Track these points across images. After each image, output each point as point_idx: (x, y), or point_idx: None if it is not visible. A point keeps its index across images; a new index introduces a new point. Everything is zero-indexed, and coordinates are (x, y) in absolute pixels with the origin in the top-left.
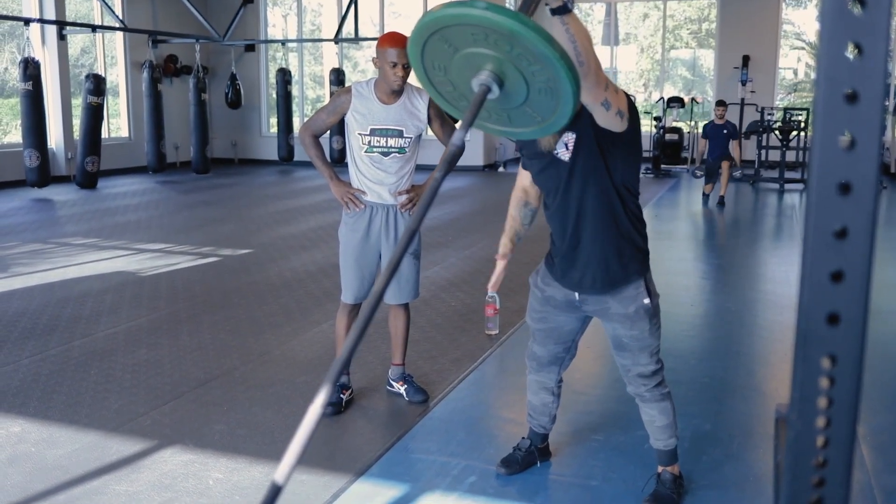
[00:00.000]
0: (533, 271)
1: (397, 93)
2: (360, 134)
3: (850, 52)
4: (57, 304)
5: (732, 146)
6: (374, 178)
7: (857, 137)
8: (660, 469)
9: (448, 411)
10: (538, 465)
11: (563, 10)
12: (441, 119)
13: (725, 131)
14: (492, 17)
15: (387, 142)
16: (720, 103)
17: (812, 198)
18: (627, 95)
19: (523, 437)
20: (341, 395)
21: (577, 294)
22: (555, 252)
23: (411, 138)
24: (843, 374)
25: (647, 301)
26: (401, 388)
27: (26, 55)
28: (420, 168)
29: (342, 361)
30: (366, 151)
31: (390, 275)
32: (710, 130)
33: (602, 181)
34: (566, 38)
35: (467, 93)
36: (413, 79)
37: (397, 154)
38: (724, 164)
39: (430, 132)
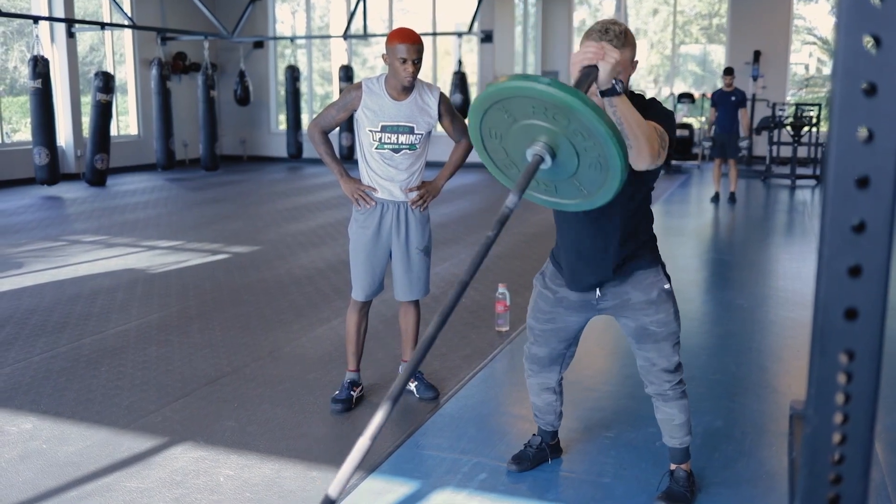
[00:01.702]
0: (538, 273)
1: (408, 89)
2: (370, 130)
3: (868, 45)
4: (67, 302)
5: (741, 114)
6: (385, 174)
7: (875, 131)
8: (672, 467)
9: (458, 408)
10: (549, 461)
11: (612, 93)
12: (451, 115)
13: (734, 98)
14: (554, 92)
15: (398, 138)
16: (728, 71)
17: (829, 192)
18: (670, 120)
19: (534, 434)
20: (351, 392)
21: (597, 291)
22: (570, 253)
23: (422, 135)
24: (860, 370)
25: (667, 286)
26: (411, 384)
27: (35, 53)
28: (429, 165)
29: (409, 372)
30: (376, 148)
31: (427, 348)
32: (719, 98)
33: (642, 184)
34: (614, 120)
35: (518, 161)
36: (423, 74)
37: (408, 151)
38: (732, 162)
39: (439, 128)
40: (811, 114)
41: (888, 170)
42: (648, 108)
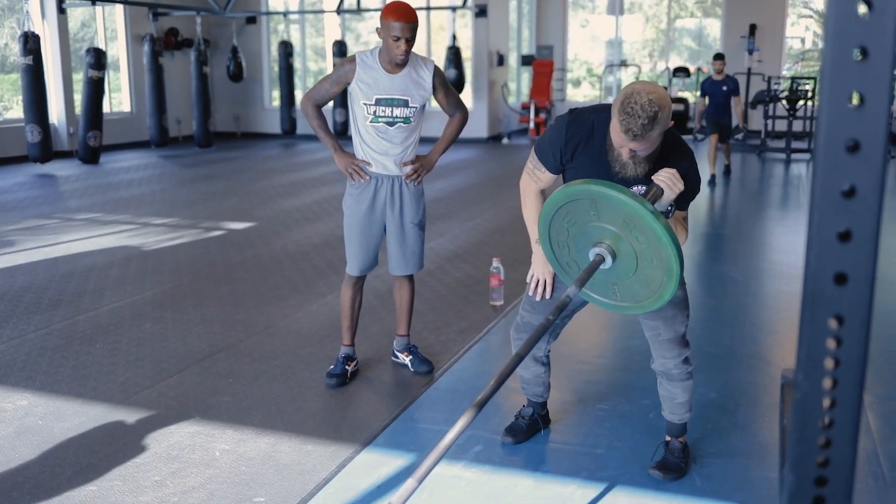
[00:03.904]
0: None
1: (402, 63)
2: (364, 104)
3: (860, 8)
4: (61, 279)
5: (734, 103)
6: (380, 148)
7: (866, 95)
8: (668, 438)
9: (453, 381)
10: (542, 431)
11: (666, 215)
12: (446, 89)
13: (725, 87)
14: (634, 205)
15: (392, 112)
16: (718, 56)
17: (820, 157)
18: (698, 183)
19: (524, 405)
20: (346, 367)
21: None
22: None
23: (416, 108)
24: (849, 335)
25: None
26: (406, 358)
27: (26, 29)
28: (422, 140)
29: (492, 390)
30: (371, 122)
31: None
32: (709, 87)
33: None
34: None
35: (580, 260)
36: (416, 49)
37: (402, 124)
38: (725, 146)
39: (434, 104)
40: (807, 87)
41: (879, 135)
42: (688, 177)
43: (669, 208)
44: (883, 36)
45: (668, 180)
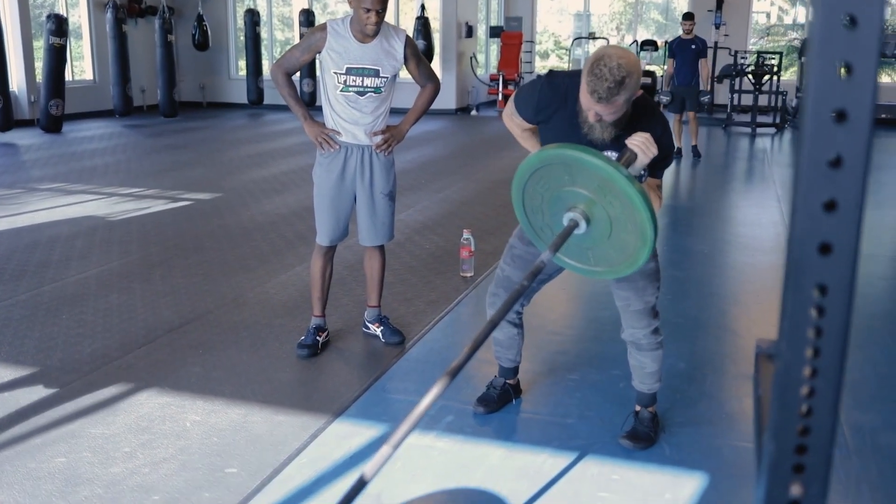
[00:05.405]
0: None
1: (373, 34)
2: (335, 73)
3: None
4: (25, 250)
5: (701, 65)
6: (350, 118)
7: (855, 64)
8: (638, 408)
9: (424, 352)
10: (513, 401)
11: (640, 180)
12: (417, 59)
13: (694, 47)
14: (609, 169)
15: (363, 81)
16: (687, 16)
17: (807, 126)
18: (672, 149)
19: (495, 376)
20: (317, 338)
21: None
22: None
23: (387, 78)
24: (833, 305)
25: None
26: (377, 329)
27: None
28: (393, 111)
29: (463, 360)
30: (341, 91)
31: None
32: (677, 47)
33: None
34: None
35: (553, 225)
36: (389, 17)
37: (373, 94)
38: (692, 115)
39: (405, 74)
40: (772, 62)
41: (866, 104)
42: (661, 142)
43: (643, 173)
44: (871, 4)
45: (643, 144)
